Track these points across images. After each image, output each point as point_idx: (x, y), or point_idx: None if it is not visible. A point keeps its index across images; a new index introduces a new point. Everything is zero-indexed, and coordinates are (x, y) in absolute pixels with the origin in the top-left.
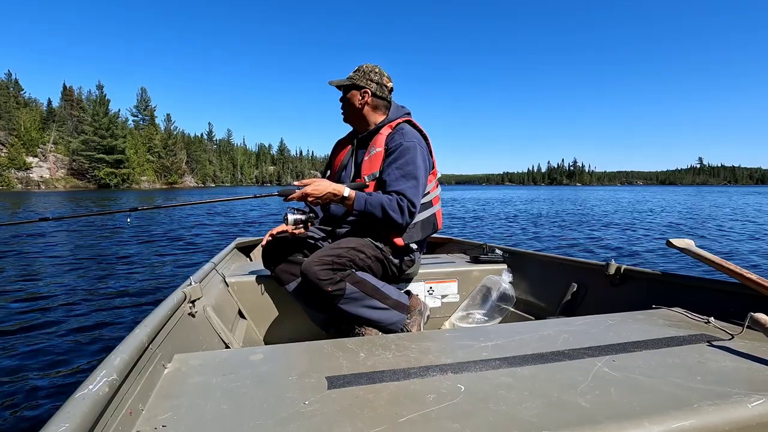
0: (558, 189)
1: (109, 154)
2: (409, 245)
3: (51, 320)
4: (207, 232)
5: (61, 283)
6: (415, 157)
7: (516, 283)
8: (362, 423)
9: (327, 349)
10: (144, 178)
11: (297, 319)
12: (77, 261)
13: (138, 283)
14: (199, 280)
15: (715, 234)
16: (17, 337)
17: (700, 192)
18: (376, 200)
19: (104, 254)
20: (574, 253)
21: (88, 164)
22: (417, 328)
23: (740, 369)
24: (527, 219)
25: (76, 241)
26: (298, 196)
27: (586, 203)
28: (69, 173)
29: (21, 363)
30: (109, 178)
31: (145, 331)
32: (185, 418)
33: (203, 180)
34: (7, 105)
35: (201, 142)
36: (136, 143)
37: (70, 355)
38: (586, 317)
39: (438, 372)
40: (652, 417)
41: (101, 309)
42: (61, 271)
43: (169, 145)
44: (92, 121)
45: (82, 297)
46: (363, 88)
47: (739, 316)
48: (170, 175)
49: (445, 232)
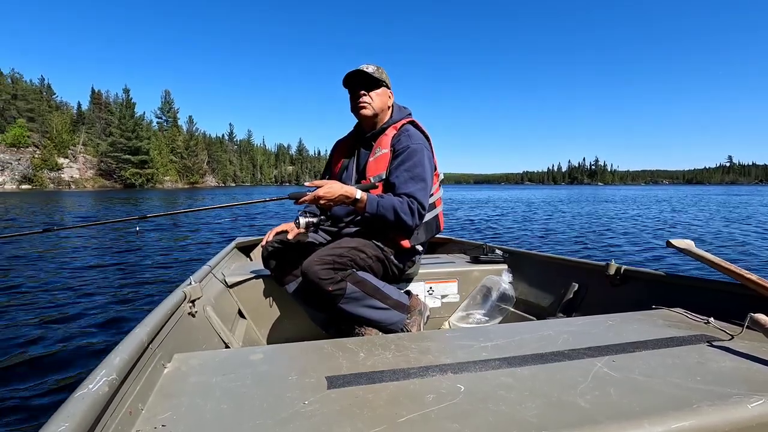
0: (578, 188)
1: (134, 155)
2: (414, 247)
3: (51, 320)
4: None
5: (61, 283)
6: (423, 160)
7: (516, 283)
8: (362, 423)
9: (327, 349)
10: (167, 178)
11: (297, 319)
12: (77, 261)
13: (138, 282)
14: (199, 279)
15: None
16: (17, 337)
17: (728, 192)
18: (388, 203)
19: (104, 254)
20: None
21: (114, 165)
22: (417, 328)
23: (740, 369)
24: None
25: (80, 243)
26: (310, 198)
27: (608, 205)
28: (97, 173)
29: (21, 362)
30: (135, 178)
31: (144, 330)
32: (185, 418)
33: (224, 180)
34: (40, 109)
35: (222, 143)
36: (159, 144)
37: (70, 354)
38: (586, 317)
39: (438, 372)
40: (652, 417)
41: (101, 308)
42: (60, 271)
43: (190, 146)
44: (119, 123)
45: (82, 296)
46: (390, 89)
47: (739, 316)
48: (192, 175)
49: (445, 232)
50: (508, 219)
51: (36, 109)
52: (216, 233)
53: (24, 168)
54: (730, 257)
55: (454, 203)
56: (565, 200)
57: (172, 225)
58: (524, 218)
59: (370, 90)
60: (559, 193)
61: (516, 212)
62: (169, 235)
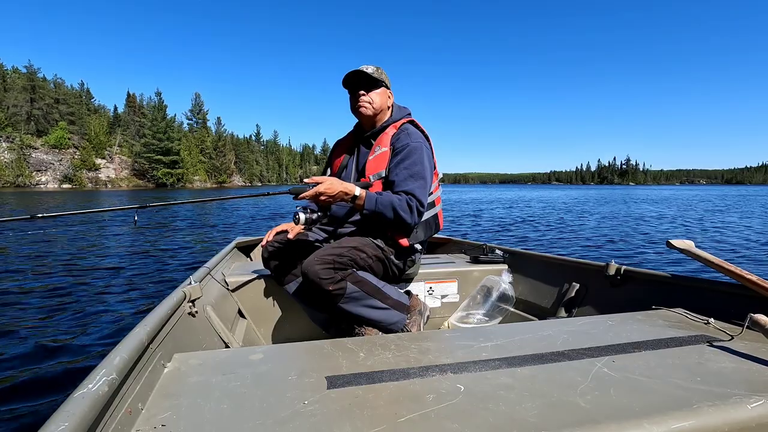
0: (609, 189)
1: (166, 155)
2: (413, 246)
3: (50, 319)
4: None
5: (61, 282)
6: (422, 158)
7: (516, 283)
8: (362, 423)
9: (327, 348)
10: (196, 178)
11: (297, 319)
12: (77, 260)
13: (138, 282)
14: (199, 279)
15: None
16: (17, 337)
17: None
18: (387, 200)
19: (105, 253)
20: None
21: (147, 165)
22: (417, 328)
23: (740, 370)
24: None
25: (78, 239)
26: (311, 195)
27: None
28: (131, 173)
29: (21, 362)
30: (166, 178)
31: (144, 330)
32: (185, 418)
33: (250, 179)
34: (80, 112)
35: (249, 143)
36: (189, 145)
37: (70, 354)
38: (586, 318)
39: (438, 372)
40: (652, 417)
41: (101, 308)
42: (60, 271)
43: (219, 146)
44: (151, 125)
45: (81, 296)
46: (389, 89)
47: (739, 317)
48: (220, 174)
49: (446, 232)
50: (538, 224)
51: (76, 113)
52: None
53: (65, 168)
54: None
55: (482, 203)
56: (597, 200)
57: (172, 226)
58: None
59: (369, 90)
60: (587, 193)
61: (554, 214)
62: (169, 235)
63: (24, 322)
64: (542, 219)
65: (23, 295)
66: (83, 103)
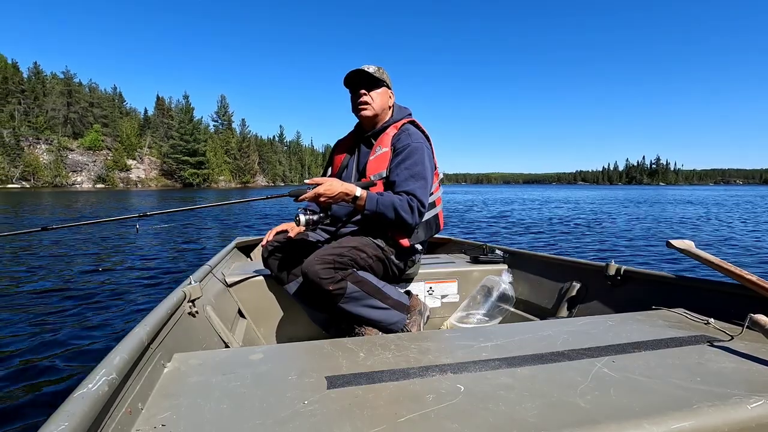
0: (638, 189)
1: (192, 156)
2: (414, 246)
3: (50, 319)
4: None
5: (61, 282)
6: (423, 158)
7: (516, 283)
8: (362, 423)
9: (327, 348)
10: (221, 178)
11: (297, 318)
12: (77, 260)
13: (138, 282)
14: (199, 279)
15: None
16: (17, 336)
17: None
18: (388, 200)
19: (105, 253)
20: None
21: (175, 165)
22: (417, 328)
23: (740, 370)
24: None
25: (80, 242)
26: (311, 196)
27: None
28: (160, 174)
29: (21, 362)
30: (192, 178)
31: (144, 330)
32: (185, 418)
33: (273, 179)
34: (112, 115)
35: (272, 144)
36: (215, 146)
37: (70, 353)
38: (586, 318)
39: (438, 372)
40: (652, 418)
41: (101, 308)
42: (61, 271)
43: (243, 147)
44: (179, 127)
45: (81, 296)
46: (390, 89)
47: (739, 317)
48: (244, 175)
49: (445, 232)
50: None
51: (109, 116)
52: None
53: (99, 169)
54: None
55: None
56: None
57: (172, 224)
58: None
59: (370, 89)
60: (615, 194)
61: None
62: (169, 234)
63: (24, 321)
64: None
65: (23, 295)
66: (116, 107)
